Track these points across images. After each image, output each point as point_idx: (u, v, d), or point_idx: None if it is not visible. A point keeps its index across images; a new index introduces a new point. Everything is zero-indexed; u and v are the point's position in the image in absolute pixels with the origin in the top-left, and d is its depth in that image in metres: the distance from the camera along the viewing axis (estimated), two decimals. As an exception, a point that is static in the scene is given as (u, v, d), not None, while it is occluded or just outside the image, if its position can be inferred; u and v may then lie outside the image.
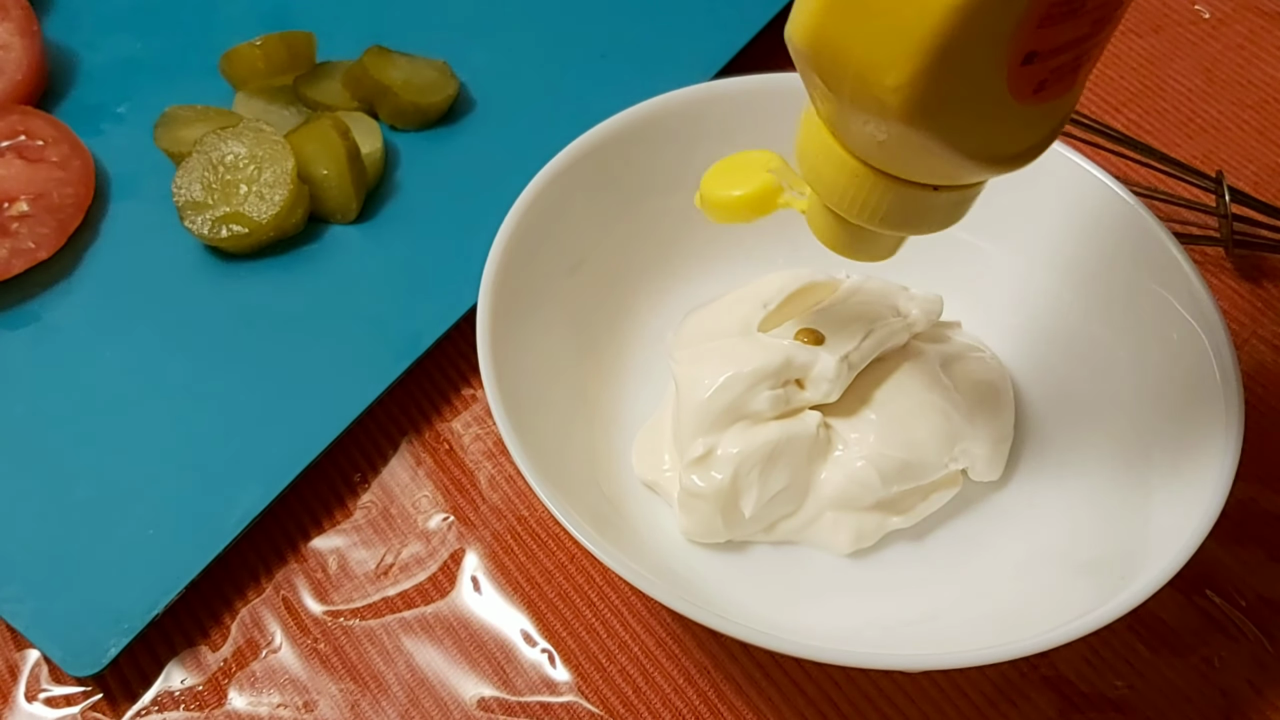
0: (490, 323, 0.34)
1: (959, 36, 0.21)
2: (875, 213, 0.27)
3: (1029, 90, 0.23)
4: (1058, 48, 0.22)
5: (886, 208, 0.27)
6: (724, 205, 0.33)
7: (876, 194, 0.27)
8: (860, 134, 0.25)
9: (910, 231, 0.29)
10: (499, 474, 0.40)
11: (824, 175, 0.27)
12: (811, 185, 0.29)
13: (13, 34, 0.47)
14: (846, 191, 0.27)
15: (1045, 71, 0.23)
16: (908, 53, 0.22)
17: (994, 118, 0.24)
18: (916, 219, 0.27)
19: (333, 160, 0.43)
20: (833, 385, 0.35)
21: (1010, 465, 0.37)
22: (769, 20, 0.50)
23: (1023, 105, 0.23)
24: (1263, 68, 0.51)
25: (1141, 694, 0.35)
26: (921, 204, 0.27)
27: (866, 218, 0.28)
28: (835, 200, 0.28)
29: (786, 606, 0.35)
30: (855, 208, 0.27)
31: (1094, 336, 0.38)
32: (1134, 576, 0.30)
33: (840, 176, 0.27)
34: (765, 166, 0.32)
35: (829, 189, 0.28)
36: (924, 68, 0.22)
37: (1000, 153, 0.25)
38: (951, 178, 0.26)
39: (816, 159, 0.27)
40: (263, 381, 0.40)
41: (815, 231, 0.31)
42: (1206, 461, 0.32)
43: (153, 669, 0.36)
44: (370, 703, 0.35)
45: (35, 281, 0.42)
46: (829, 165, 0.27)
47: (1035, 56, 0.22)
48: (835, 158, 0.27)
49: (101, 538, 0.37)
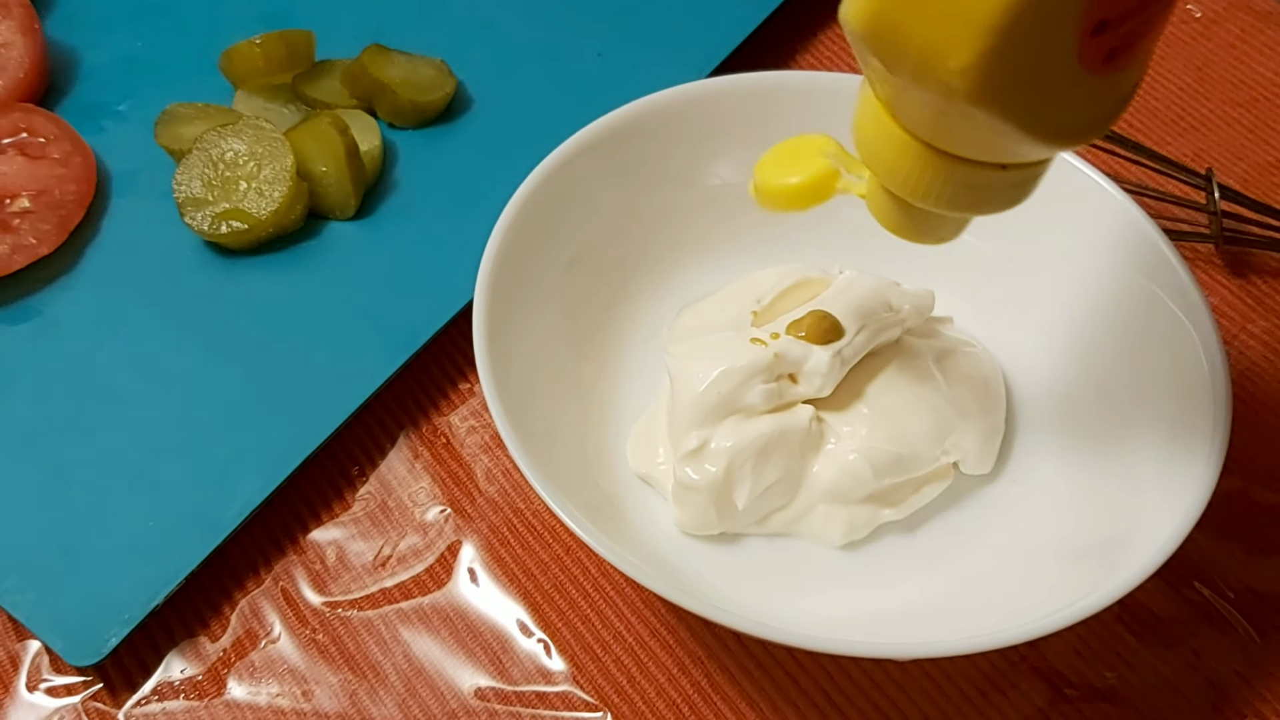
0: (487, 317, 0.35)
1: (1028, 11, 0.20)
2: (940, 195, 0.26)
3: (1100, 60, 0.22)
4: (1127, 12, 0.21)
5: (952, 189, 0.26)
6: (780, 194, 0.31)
7: (941, 176, 0.25)
8: (922, 115, 0.24)
9: (976, 212, 0.27)
10: (495, 467, 0.40)
11: (884, 159, 0.26)
12: (871, 169, 0.27)
13: (14, 32, 0.48)
14: (909, 175, 0.26)
15: (1116, 39, 0.22)
16: (973, 32, 0.21)
17: (1065, 92, 0.22)
18: (983, 199, 0.26)
19: (332, 157, 0.44)
20: (825, 380, 0.36)
21: (1001, 458, 0.38)
22: (764, 19, 0.50)
23: (1094, 76, 0.22)
24: (1253, 66, 0.51)
25: (1130, 684, 0.36)
26: (988, 183, 0.26)
27: (931, 200, 0.26)
28: (897, 184, 0.26)
29: (779, 598, 0.35)
30: (919, 191, 0.26)
31: (1084, 331, 0.38)
32: (1122, 567, 0.31)
33: (902, 159, 0.26)
34: (821, 151, 0.31)
35: (890, 172, 0.26)
36: (991, 47, 0.21)
37: (1071, 127, 0.23)
38: (1020, 155, 0.25)
39: (876, 142, 0.26)
40: (262, 375, 0.40)
41: (876, 215, 0.29)
42: (1194, 454, 0.32)
43: (153, 659, 0.36)
44: (368, 692, 0.36)
45: (37, 277, 0.43)
46: (889, 148, 0.26)
47: (1106, 25, 0.21)
48: (896, 140, 0.26)
49: (102, 529, 0.37)
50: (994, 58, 0.21)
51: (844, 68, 0.51)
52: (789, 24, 0.53)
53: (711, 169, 0.41)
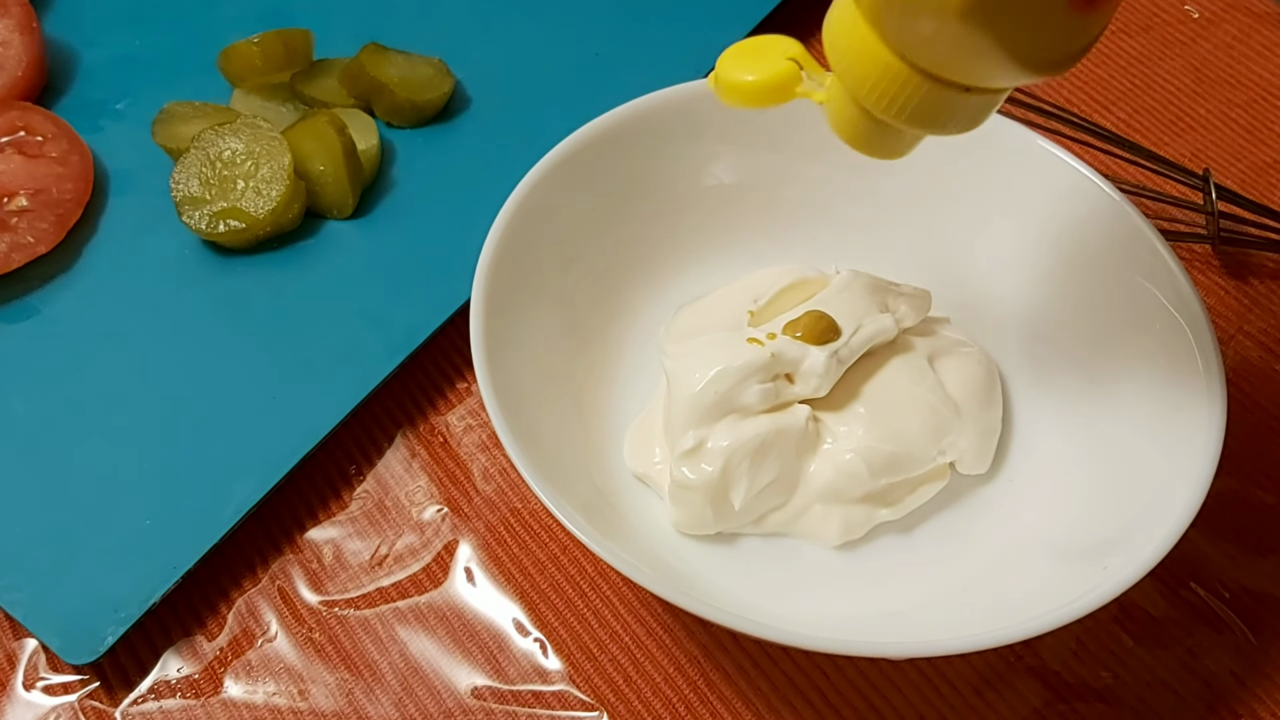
0: (484, 317, 0.35)
1: None
2: (904, 109, 0.27)
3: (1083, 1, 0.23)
4: None
5: (916, 104, 0.27)
6: (739, 89, 0.32)
7: (908, 90, 0.26)
8: (904, 29, 0.25)
9: (933, 131, 0.28)
10: (492, 466, 0.40)
11: (854, 67, 0.27)
12: (839, 75, 0.28)
13: (12, 30, 0.48)
14: (877, 85, 0.27)
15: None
16: None
17: (1048, 24, 0.24)
18: (943, 119, 0.27)
19: (329, 156, 0.44)
20: (822, 380, 0.36)
21: (997, 458, 0.38)
22: (762, 18, 0.50)
23: (1076, 15, 0.24)
24: (1251, 67, 0.51)
25: (1126, 684, 0.36)
26: (951, 104, 0.27)
27: (894, 114, 0.27)
28: (864, 93, 0.27)
29: (775, 597, 0.35)
30: (884, 102, 0.27)
31: (1081, 331, 0.38)
32: (1118, 567, 0.31)
33: (873, 69, 0.26)
34: (785, 54, 0.31)
35: (858, 81, 0.27)
36: None
37: (1047, 58, 0.24)
38: (989, 80, 0.26)
39: (849, 50, 0.27)
40: (259, 374, 0.40)
41: (833, 124, 0.30)
42: (1190, 454, 0.32)
43: (149, 658, 0.36)
44: (364, 691, 0.36)
45: (34, 275, 0.43)
46: (862, 57, 0.27)
47: None
48: (870, 50, 0.26)
49: (99, 528, 0.37)
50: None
51: (842, 68, 0.51)
52: (788, 24, 0.53)
53: (709, 169, 0.41)
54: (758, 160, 0.41)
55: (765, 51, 0.32)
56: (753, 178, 0.41)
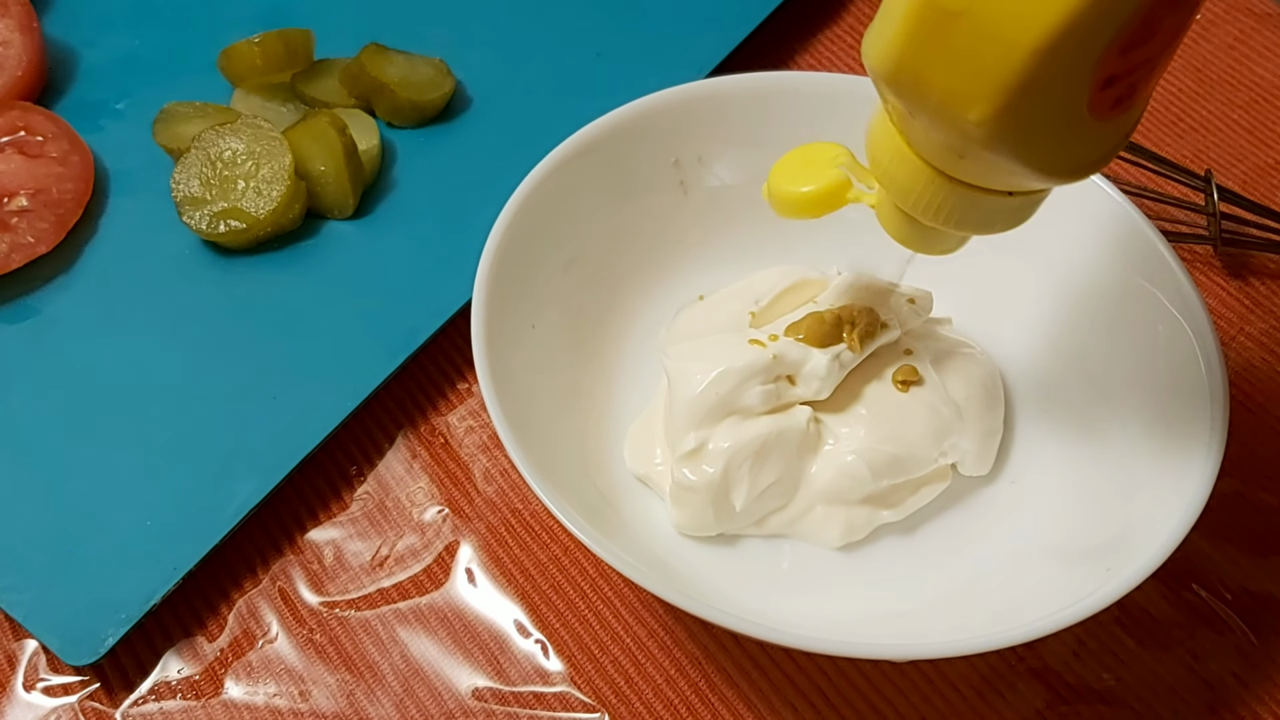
0: (485, 317, 0.35)
1: (1043, 74, 0.22)
2: (949, 216, 0.27)
3: (1108, 108, 0.23)
4: (1135, 67, 0.23)
5: (960, 212, 0.27)
6: (793, 201, 0.32)
7: (951, 199, 0.27)
8: (937, 147, 0.26)
9: (980, 232, 0.29)
10: (493, 467, 0.40)
11: (896, 178, 0.28)
12: (883, 185, 0.29)
13: (12, 30, 0.48)
14: (921, 196, 0.27)
15: (1123, 89, 0.23)
16: (991, 90, 0.22)
17: (1074, 136, 0.24)
18: (988, 221, 0.28)
19: (330, 157, 0.44)
20: (824, 383, 0.36)
21: (999, 460, 0.38)
22: (764, 19, 0.50)
23: (1101, 122, 0.24)
24: (1252, 68, 0.51)
25: (1128, 686, 0.36)
26: (994, 207, 0.27)
27: (940, 220, 0.28)
28: (909, 203, 0.28)
29: (777, 599, 0.35)
30: (929, 211, 0.28)
31: (1082, 332, 0.38)
32: (1119, 569, 0.31)
33: (915, 181, 0.27)
34: (834, 162, 0.32)
35: (902, 192, 0.28)
36: (1008, 104, 0.22)
37: (1080, 164, 0.25)
38: (1026, 186, 0.27)
39: (890, 162, 0.28)
40: (260, 375, 0.40)
41: (884, 225, 0.31)
42: (1191, 456, 0.32)
43: (150, 659, 0.36)
44: (365, 693, 0.36)
45: (34, 276, 0.43)
46: (902, 169, 0.27)
47: (1115, 79, 0.22)
48: (909, 163, 0.27)
49: (99, 528, 0.37)
50: (1010, 112, 0.22)
51: (843, 68, 0.51)
52: (789, 24, 0.53)
53: (710, 170, 0.41)
54: (759, 160, 0.41)
55: (813, 160, 0.32)
56: (754, 178, 0.41)
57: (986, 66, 0.22)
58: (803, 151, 0.33)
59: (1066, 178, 0.25)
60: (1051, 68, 0.21)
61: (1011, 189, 0.27)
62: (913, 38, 0.23)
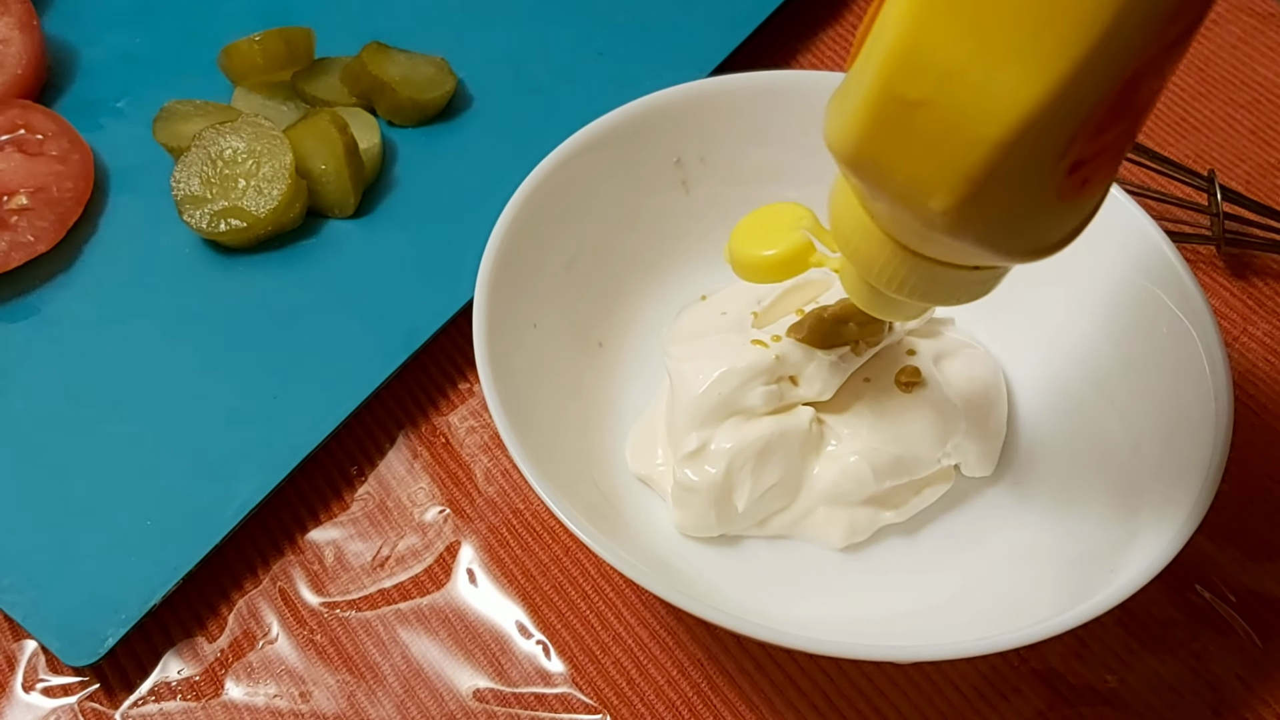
0: (486, 317, 0.35)
1: (1008, 165, 0.21)
2: (914, 290, 0.27)
3: (1074, 191, 0.23)
4: (1104, 148, 0.22)
5: (923, 285, 0.27)
6: (754, 265, 0.32)
7: (915, 274, 0.27)
8: (900, 227, 0.25)
9: (943, 304, 0.29)
10: (495, 467, 0.40)
11: (859, 250, 0.27)
12: (845, 255, 0.28)
13: (12, 28, 0.47)
14: (885, 270, 0.27)
15: (1090, 171, 0.22)
16: (953, 181, 0.21)
17: (1040, 220, 0.23)
18: (952, 294, 0.27)
19: (331, 155, 0.44)
20: (826, 384, 0.36)
21: (1002, 461, 0.38)
22: (765, 18, 0.50)
23: (1067, 203, 0.23)
24: (1255, 68, 0.51)
25: (1131, 688, 0.36)
26: (958, 281, 0.27)
27: (904, 293, 0.27)
28: (873, 276, 0.28)
29: (779, 600, 0.35)
30: (893, 284, 0.27)
31: (1085, 333, 0.38)
32: (1123, 570, 0.31)
33: (878, 256, 0.27)
34: (796, 224, 0.32)
35: (866, 264, 0.27)
36: (971, 195, 0.21)
37: (1044, 245, 0.24)
38: (991, 264, 0.27)
39: (853, 236, 0.27)
40: (260, 374, 0.40)
41: (847, 289, 0.31)
42: (1195, 457, 0.32)
43: (150, 659, 0.36)
44: (366, 694, 0.36)
45: (34, 275, 0.43)
46: (865, 243, 0.27)
47: (1083, 163, 0.22)
48: (872, 237, 0.27)
49: (99, 528, 0.37)
50: (974, 203, 0.22)
51: (845, 68, 0.51)
52: (789, 24, 0.53)
53: (713, 169, 0.41)
54: (762, 159, 0.41)
55: (776, 222, 0.32)
56: (757, 177, 0.41)
57: (949, 157, 0.21)
58: (765, 213, 0.33)
59: (1028, 258, 0.24)
60: (1017, 159, 0.21)
61: (976, 264, 0.26)
62: (874, 124, 0.22)
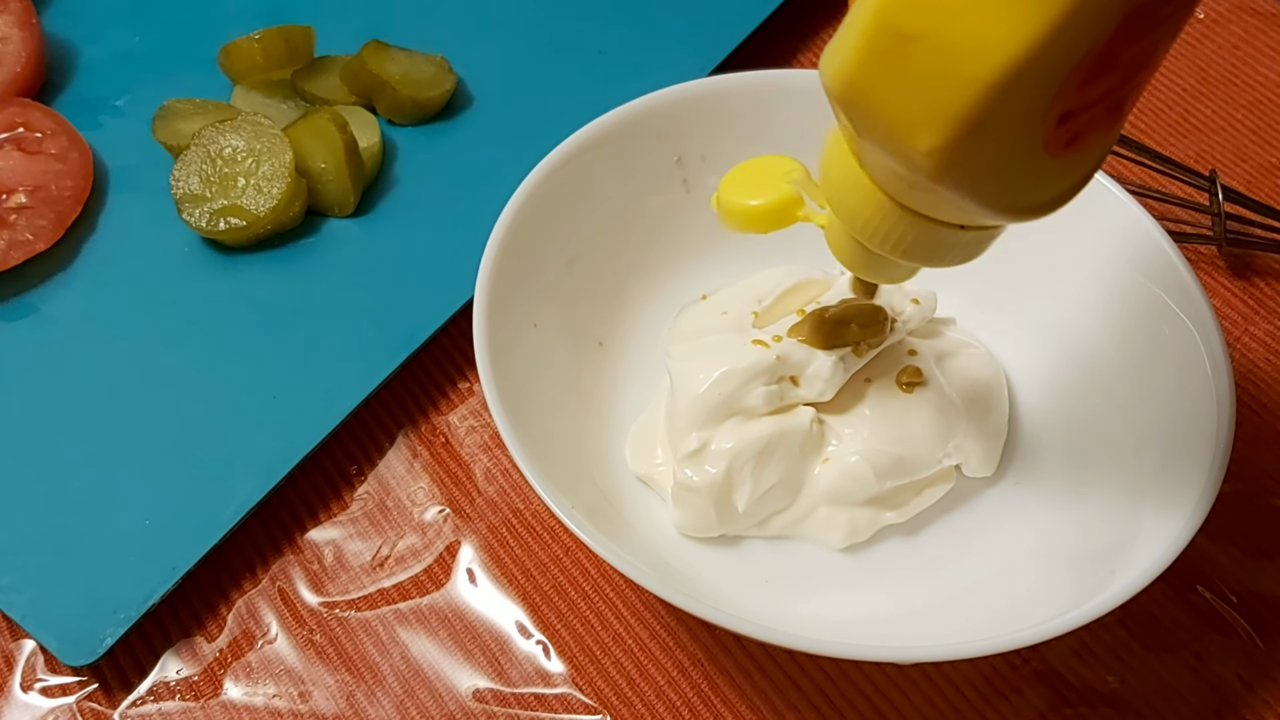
0: (486, 316, 0.35)
1: (995, 109, 0.21)
2: (898, 245, 0.27)
3: (1063, 145, 0.22)
4: (1093, 102, 0.22)
5: (910, 242, 0.27)
6: (741, 214, 0.32)
7: (900, 228, 0.26)
8: (888, 174, 0.25)
9: (931, 265, 0.28)
10: (495, 467, 0.40)
11: (848, 203, 0.27)
12: (834, 210, 0.28)
13: (12, 26, 0.47)
14: (869, 222, 0.27)
15: (1080, 125, 0.22)
16: (941, 121, 0.21)
17: (1026, 174, 0.23)
18: (939, 254, 0.27)
19: (331, 154, 0.43)
20: (827, 385, 0.35)
21: (1004, 461, 0.37)
22: (765, 18, 0.50)
23: (1057, 159, 0.23)
24: (1257, 68, 0.51)
25: (1132, 688, 0.36)
26: (946, 241, 0.26)
27: (889, 249, 0.27)
28: (858, 229, 0.27)
29: (780, 601, 0.35)
30: (878, 238, 0.27)
31: (1087, 333, 0.38)
32: (1124, 571, 0.31)
33: (865, 207, 0.26)
34: (787, 176, 0.31)
35: (852, 217, 0.27)
36: (959, 137, 0.21)
37: (1033, 204, 0.24)
38: (978, 221, 0.26)
39: (841, 186, 0.27)
40: (260, 373, 0.40)
41: (833, 249, 0.30)
42: (1197, 457, 0.32)
43: (148, 659, 0.36)
44: (365, 694, 0.36)
45: (33, 273, 0.43)
46: (854, 194, 0.26)
47: (1071, 115, 0.22)
48: (862, 188, 0.26)
49: (98, 528, 0.37)
50: (961, 146, 0.21)
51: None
52: (789, 24, 0.53)
53: (713, 168, 0.41)
54: (762, 160, 0.41)
55: (766, 173, 0.32)
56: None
57: (939, 96, 0.21)
58: (756, 163, 0.32)
59: (1017, 216, 0.24)
60: (1007, 101, 0.21)
61: (964, 223, 0.26)
62: (867, 58, 0.22)
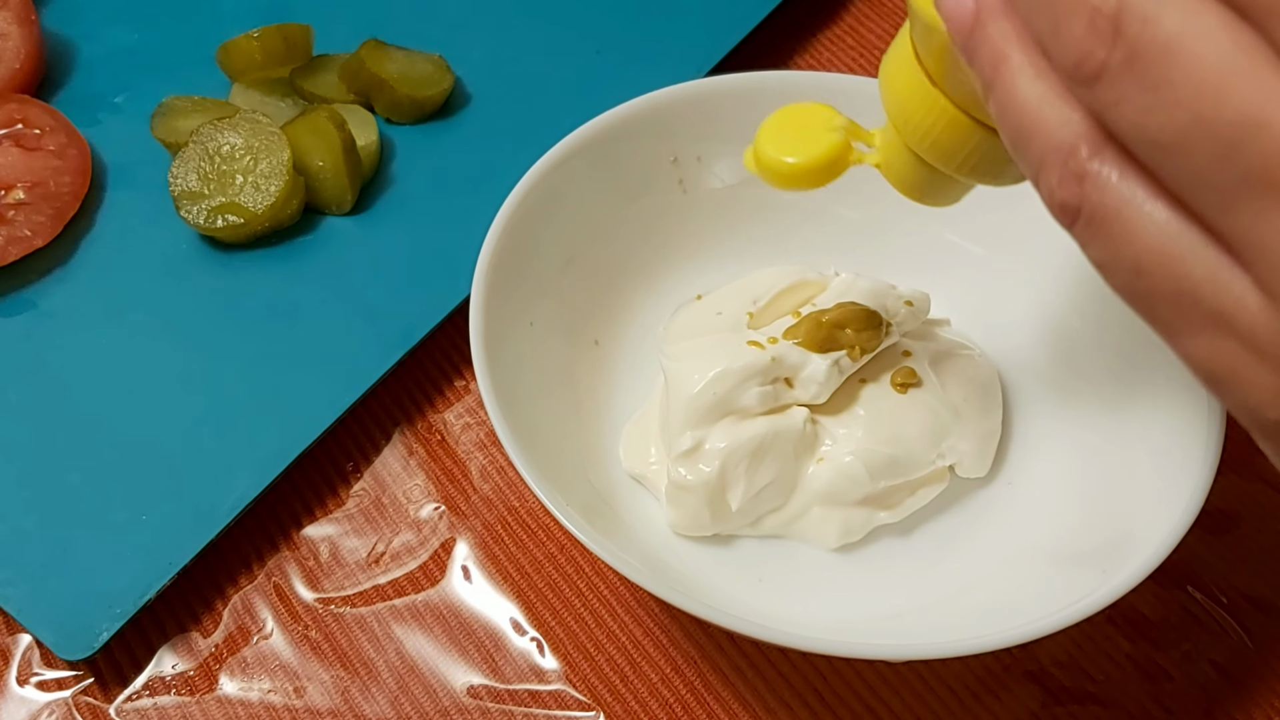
0: (483, 315, 0.35)
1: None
2: (965, 162, 0.27)
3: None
4: None
5: (979, 158, 0.27)
6: (790, 173, 0.30)
7: (971, 143, 0.26)
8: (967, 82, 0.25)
9: (992, 183, 0.28)
10: (490, 464, 0.40)
11: (916, 120, 0.27)
12: (898, 129, 0.28)
13: (11, 23, 0.47)
14: (940, 138, 0.27)
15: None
16: None
17: None
18: (1002, 171, 0.27)
19: (329, 152, 0.44)
20: (822, 388, 0.36)
21: (997, 461, 0.38)
22: (763, 18, 0.50)
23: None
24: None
25: (1122, 688, 0.36)
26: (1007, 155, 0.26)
27: (955, 166, 0.27)
28: (926, 147, 0.27)
29: (773, 599, 0.35)
30: (945, 155, 0.27)
31: (1079, 333, 0.38)
32: (1115, 571, 0.31)
33: (937, 123, 0.26)
34: (829, 125, 0.30)
35: (921, 135, 0.27)
36: None
37: None
38: None
39: (910, 104, 0.27)
40: (257, 370, 0.40)
41: (890, 177, 0.29)
42: (1189, 457, 0.32)
43: (144, 654, 0.36)
44: (360, 689, 0.36)
45: (31, 269, 0.43)
46: (924, 110, 0.26)
47: None
48: (934, 104, 0.26)
49: (95, 523, 0.37)
50: None
51: (842, 69, 0.51)
52: (788, 24, 0.53)
53: (709, 168, 0.41)
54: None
55: (805, 124, 0.30)
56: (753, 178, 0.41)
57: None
58: (789, 114, 0.31)
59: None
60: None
61: None
62: None
